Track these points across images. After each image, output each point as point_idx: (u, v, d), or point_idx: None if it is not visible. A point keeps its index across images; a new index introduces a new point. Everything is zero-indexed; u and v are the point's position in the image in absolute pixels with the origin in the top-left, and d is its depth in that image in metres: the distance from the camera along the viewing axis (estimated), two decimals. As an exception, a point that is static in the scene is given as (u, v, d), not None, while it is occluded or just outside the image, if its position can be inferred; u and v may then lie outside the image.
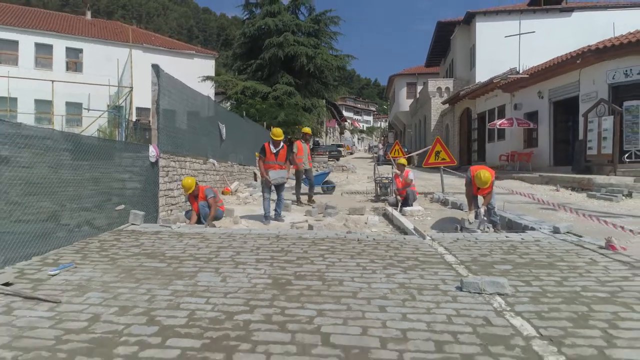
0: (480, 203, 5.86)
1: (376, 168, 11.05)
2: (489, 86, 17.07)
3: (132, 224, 5.35)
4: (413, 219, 6.78)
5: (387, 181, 9.37)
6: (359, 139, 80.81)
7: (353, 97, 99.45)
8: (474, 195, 5.87)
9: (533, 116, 15.50)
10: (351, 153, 46.70)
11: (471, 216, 5.69)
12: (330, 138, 51.47)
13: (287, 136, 22.99)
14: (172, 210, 7.03)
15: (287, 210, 7.70)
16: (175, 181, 7.12)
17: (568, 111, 13.97)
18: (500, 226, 5.86)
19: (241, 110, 20.29)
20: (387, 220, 7.11)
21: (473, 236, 4.98)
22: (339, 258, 3.94)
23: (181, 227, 5.30)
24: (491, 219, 5.83)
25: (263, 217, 6.62)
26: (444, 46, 28.28)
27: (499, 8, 23.43)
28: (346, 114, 72.61)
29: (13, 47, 24.66)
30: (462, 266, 3.70)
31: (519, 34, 18.13)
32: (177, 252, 4.08)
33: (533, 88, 15.13)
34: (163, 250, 4.17)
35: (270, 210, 6.71)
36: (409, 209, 7.36)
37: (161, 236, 4.80)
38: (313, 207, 7.74)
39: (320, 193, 10.52)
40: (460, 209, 7.50)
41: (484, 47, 21.96)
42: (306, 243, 4.55)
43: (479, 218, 5.72)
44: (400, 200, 7.82)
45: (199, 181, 8.27)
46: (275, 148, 6.72)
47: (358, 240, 4.74)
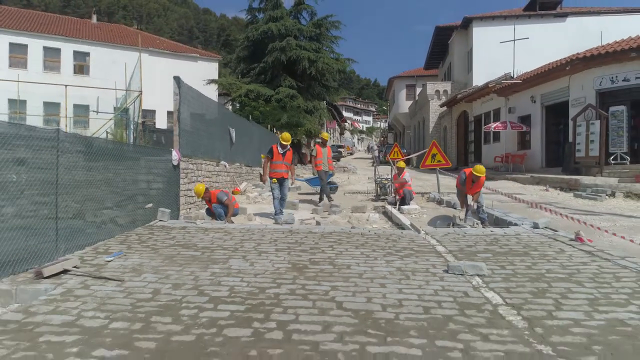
0: (470, 201, 6.54)
1: (376, 169, 11.71)
2: (485, 90, 17.75)
3: (160, 220, 6.02)
4: (410, 217, 7.46)
5: (387, 182, 10.05)
6: (359, 140, 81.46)
7: (353, 98, 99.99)
8: (465, 194, 6.56)
9: (526, 119, 16.19)
10: (351, 154, 47.36)
11: (462, 214, 6.38)
12: (330, 139, 52.11)
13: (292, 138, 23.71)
14: (191, 208, 7.70)
15: (295, 208, 8.37)
16: (193, 182, 7.79)
17: (559, 115, 14.66)
18: (488, 222, 6.53)
19: (245, 112, 20.97)
20: (387, 217, 7.79)
21: (462, 231, 5.67)
22: (346, 248, 4.62)
23: (205, 223, 5.97)
24: (480, 216, 6.50)
25: (274, 215, 7.27)
26: (443, 49, 28.95)
27: (495, 13, 24.12)
28: (346, 115, 73.23)
29: (22, 51, 25.30)
30: (450, 254, 4.38)
31: (514, 40, 18.81)
32: (207, 244, 4.76)
33: (526, 93, 15.82)
34: (194, 242, 4.85)
35: (280, 208, 7.37)
36: (407, 208, 8.04)
37: (188, 230, 5.48)
38: (318, 205, 8.42)
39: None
40: (454, 208, 8.17)
41: (481, 51, 22.62)
42: (316, 236, 5.23)
43: (469, 215, 6.41)
44: (398, 199, 8.50)
45: (213, 182, 8.97)
46: (282, 149, 7.39)
47: (361, 234, 5.42)
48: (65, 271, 3.58)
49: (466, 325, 2.64)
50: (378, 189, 10.29)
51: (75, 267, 3.66)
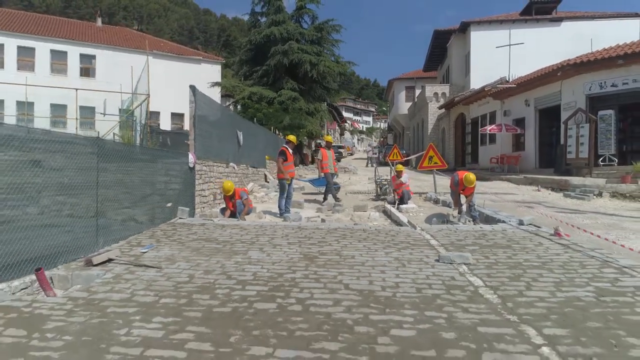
0: (463, 201, 7.13)
1: (376, 170, 12.31)
2: (481, 94, 18.35)
3: (180, 218, 6.61)
4: (408, 215, 8.05)
5: (386, 182, 10.64)
6: (359, 140, 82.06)
7: (353, 98, 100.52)
8: (459, 195, 7.15)
9: (521, 122, 16.79)
10: (351, 154, 47.96)
11: (455, 212, 6.96)
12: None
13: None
14: (204, 207, 8.28)
15: (301, 207, 8.96)
16: (206, 182, 8.37)
17: (551, 118, 15.26)
18: (479, 220, 7.11)
19: (248, 114, 21.55)
20: (386, 215, 8.38)
21: (454, 227, 6.25)
22: (350, 242, 5.21)
23: (221, 220, 6.56)
24: (472, 214, 7.09)
25: (283, 213, 7.85)
26: (441, 52, 29.56)
27: (492, 18, 24.72)
28: (346, 115, 73.80)
29: (30, 54, 25.88)
30: (442, 247, 4.97)
31: (509, 45, 19.39)
32: (226, 238, 5.35)
33: (521, 96, 16.43)
34: (214, 236, 5.44)
35: (287, 207, 7.97)
36: (405, 207, 8.63)
37: (207, 227, 6.06)
38: (322, 205, 9.02)
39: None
40: (449, 207, 8.75)
41: (478, 55, 23.23)
42: (323, 232, 5.82)
43: (462, 213, 7.00)
44: (397, 198, 9.09)
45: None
46: (291, 151, 8.06)
47: (363, 230, 6.01)
48: (109, 260, 4.17)
49: (451, 301, 3.23)
50: (378, 189, 10.88)
51: (117, 257, 4.24)
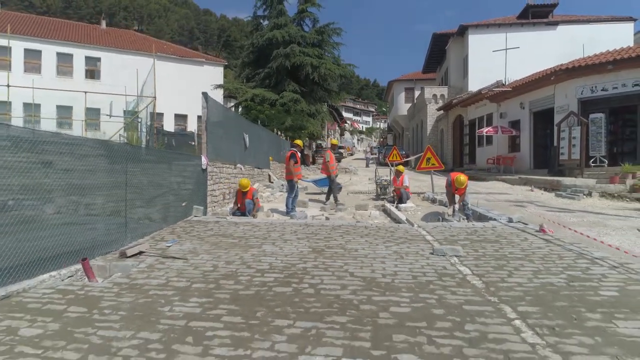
0: (457, 200, 7.67)
1: (377, 171, 12.84)
2: (478, 96, 18.88)
3: (195, 216, 7.14)
4: (406, 213, 8.57)
5: (386, 183, 11.17)
6: (359, 140, 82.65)
7: (352, 98, 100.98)
8: (453, 194, 7.68)
9: (516, 124, 17.33)
10: (351, 154, 48.52)
11: (450, 210, 7.49)
12: (330, 140, 53.21)
13: (294, 140, 24.86)
14: (215, 206, 8.80)
15: (305, 206, 9.49)
16: (217, 183, 8.90)
17: (546, 120, 15.79)
18: (472, 218, 7.63)
19: (251, 116, 22.08)
20: (386, 214, 8.90)
21: (449, 224, 6.79)
22: (353, 237, 5.74)
23: (233, 218, 7.09)
24: (465, 213, 7.62)
25: (290, 212, 8.37)
26: (440, 55, 30.11)
27: (490, 21, 25.27)
28: (346, 115, 74.33)
29: (37, 57, 26.38)
30: (436, 242, 5.50)
31: (505, 49, 19.92)
32: (241, 234, 5.87)
33: (516, 99, 16.97)
34: (229, 232, 5.96)
35: (293, 205, 8.50)
36: (403, 206, 9.16)
37: (222, 224, 6.59)
38: (326, 204, 9.55)
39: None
40: (445, 206, 9.25)
41: (476, 58, 23.79)
42: (328, 229, 6.35)
43: (456, 212, 7.53)
44: (396, 198, 9.62)
45: (231, 183, 10.08)
46: (300, 154, 8.64)
47: (365, 227, 6.54)
48: (140, 252, 4.69)
49: (442, 286, 3.76)
50: (378, 190, 11.40)
51: (147, 250, 4.77)
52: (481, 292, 3.58)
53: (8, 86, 17.92)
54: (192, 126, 28.68)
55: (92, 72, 27.99)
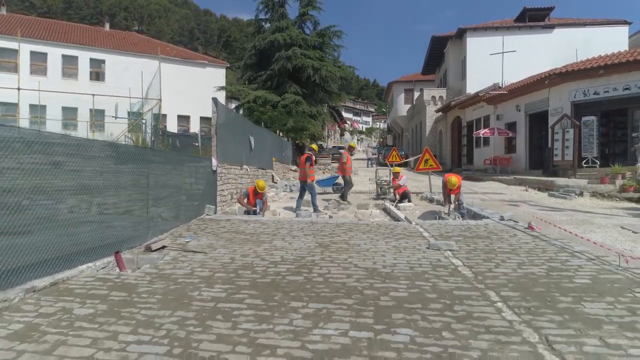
0: (452, 200, 8.15)
1: (377, 172, 13.32)
2: (475, 99, 19.37)
3: (207, 215, 7.62)
4: (405, 212, 9.06)
5: (386, 183, 11.66)
6: (359, 140, 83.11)
7: (352, 98, 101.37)
8: (448, 194, 8.16)
9: (512, 126, 17.82)
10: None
11: (445, 209, 7.98)
12: (331, 140, 53.77)
13: (296, 141, 25.37)
14: (223, 205, 9.28)
15: (308, 205, 9.96)
16: (225, 184, 9.37)
17: (541, 122, 16.28)
18: (467, 216, 8.12)
19: (253, 117, 22.55)
20: (386, 212, 9.39)
21: (445, 222, 7.27)
22: (355, 234, 6.22)
23: (243, 216, 7.57)
24: (460, 211, 8.10)
25: (297, 210, 8.86)
26: (439, 56, 30.60)
27: (488, 24, 25.76)
28: (345, 115, 74.81)
29: (42, 59, 26.82)
30: (432, 238, 5.98)
31: (502, 52, 20.41)
32: (252, 231, 6.35)
33: (512, 102, 17.46)
34: (241, 229, 6.44)
35: (299, 204, 9.02)
36: (402, 205, 9.65)
37: (233, 222, 7.07)
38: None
39: (330, 192, 12.83)
40: (442, 205, 9.77)
41: (474, 60, 24.28)
42: (332, 226, 6.83)
43: (451, 210, 8.01)
44: (397, 197, 10.12)
45: (238, 184, 10.57)
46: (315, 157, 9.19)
47: (366, 224, 7.02)
48: (163, 247, 5.17)
49: (435, 275, 4.24)
50: (378, 189, 11.89)
51: (169, 245, 5.25)
52: (470, 281, 4.07)
53: (19, 89, 18.39)
54: (195, 127, 29.16)
55: (97, 74, 28.44)
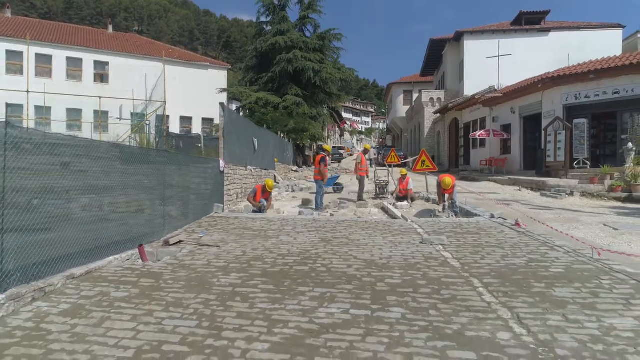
0: (446, 199, 8.65)
1: (376, 173, 13.82)
2: (472, 101, 19.88)
3: (216, 213, 8.11)
4: (402, 210, 9.56)
5: (384, 183, 12.15)
6: (358, 141, 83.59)
7: (352, 99, 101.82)
8: (442, 193, 8.67)
9: (507, 128, 18.33)
10: (351, 155, 49.46)
11: (440, 208, 8.48)
12: (331, 140, 54.27)
13: (297, 142, 25.87)
14: (230, 204, 9.77)
15: (311, 205, 10.47)
16: (231, 184, 9.87)
17: (534, 125, 16.78)
18: (460, 214, 8.63)
19: (255, 118, 23.05)
20: (384, 211, 9.89)
21: (438, 220, 7.77)
22: (355, 230, 6.72)
23: (250, 214, 8.07)
24: (454, 210, 8.60)
25: (319, 207, 9.38)
26: (437, 59, 31.10)
27: (485, 27, 26.26)
28: (345, 116, 75.21)
29: (47, 61, 27.29)
30: (426, 233, 6.48)
31: (498, 56, 20.92)
32: (259, 227, 6.85)
33: (507, 104, 17.97)
34: (249, 226, 6.94)
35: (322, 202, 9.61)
36: (400, 204, 10.15)
37: (241, 219, 7.57)
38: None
39: (331, 192, 13.33)
40: (438, 204, 10.27)
41: (471, 63, 24.77)
42: (333, 223, 7.33)
43: (445, 209, 8.51)
44: (400, 196, 10.67)
45: (243, 184, 11.06)
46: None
47: (365, 222, 7.52)
48: (180, 241, 5.67)
49: (427, 266, 4.74)
50: (377, 189, 12.38)
51: (185, 240, 5.74)
52: (457, 270, 4.56)
53: (27, 92, 18.87)
54: (197, 128, 29.64)
55: (101, 76, 28.90)
